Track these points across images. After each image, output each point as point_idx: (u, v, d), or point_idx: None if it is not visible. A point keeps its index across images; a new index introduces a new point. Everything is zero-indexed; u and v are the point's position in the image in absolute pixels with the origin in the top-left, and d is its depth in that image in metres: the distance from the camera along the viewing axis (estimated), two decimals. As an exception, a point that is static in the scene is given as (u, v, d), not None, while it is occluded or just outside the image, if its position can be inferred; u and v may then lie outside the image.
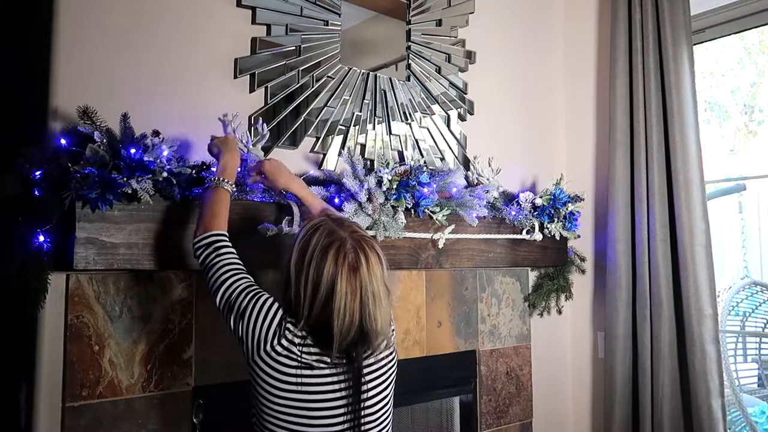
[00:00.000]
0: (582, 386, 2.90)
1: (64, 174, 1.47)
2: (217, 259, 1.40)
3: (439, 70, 2.48)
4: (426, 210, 2.11)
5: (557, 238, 2.57)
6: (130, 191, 1.50)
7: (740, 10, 2.58)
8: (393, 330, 1.44)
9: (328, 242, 1.28)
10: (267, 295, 1.36)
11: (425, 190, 2.08)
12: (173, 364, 1.77)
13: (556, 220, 2.53)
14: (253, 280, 1.41)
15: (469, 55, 2.60)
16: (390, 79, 2.33)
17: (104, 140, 1.50)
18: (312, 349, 1.30)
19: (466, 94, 2.57)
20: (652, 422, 2.47)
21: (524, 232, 2.49)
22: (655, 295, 2.49)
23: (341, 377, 1.31)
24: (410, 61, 2.40)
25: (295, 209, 1.81)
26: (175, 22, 1.85)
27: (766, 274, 4.20)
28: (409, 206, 2.07)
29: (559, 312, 2.80)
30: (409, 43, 2.40)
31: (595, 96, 2.93)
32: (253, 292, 1.36)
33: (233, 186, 1.55)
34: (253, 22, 2.00)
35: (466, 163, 2.53)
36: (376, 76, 2.29)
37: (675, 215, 2.47)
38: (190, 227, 1.65)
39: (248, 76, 1.98)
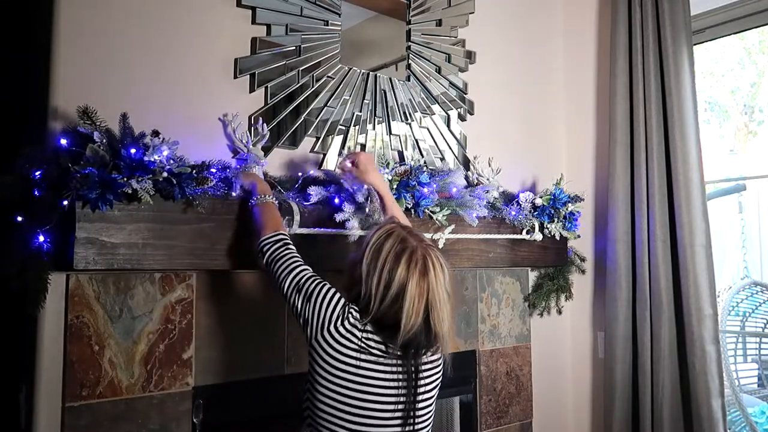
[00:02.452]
0: (582, 386, 2.90)
1: (64, 174, 1.47)
2: (286, 252, 1.53)
3: (439, 70, 2.48)
4: (426, 210, 2.11)
5: (557, 238, 2.57)
6: (130, 191, 1.50)
7: (740, 10, 2.59)
8: None
9: (401, 249, 1.40)
10: (330, 284, 1.47)
11: (425, 190, 2.08)
12: (173, 364, 1.77)
13: (556, 220, 2.53)
14: (315, 273, 1.51)
15: (469, 55, 2.60)
16: (390, 79, 2.33)
17: (104, 140, 1.50)
18: (373, 337, 1.39)
19: (466, 94, 2.57)
20: (652, 422, 2.47)
21: (524, 232, 2.49)
22: (655, 295, 2.49)
23: (397, 369, 1.39)
24: (410, 61, 2.40)
25: (296, 209, 1.81)
26: (175, 22, 1.85)
27: (766, 274, 4.19)
28: (409, 206, 2.07)
29: (559, 312, 2.80)
30: (409, 43, 2.40)
31: (595, 96, 2.93)
32: (318, 280, 1.48)
33: (275, 198, 1.71)
34: (253, 22, 2.00)
35: (466, 163, 2.53)
36: (376, 76, 2.29)
37: (675, 215, 2.47)
38: (190, 227, 1.65)
39: (248, 76, 1.98)
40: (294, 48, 2.07)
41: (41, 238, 1.49)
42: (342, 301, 1.43)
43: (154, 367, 1.74)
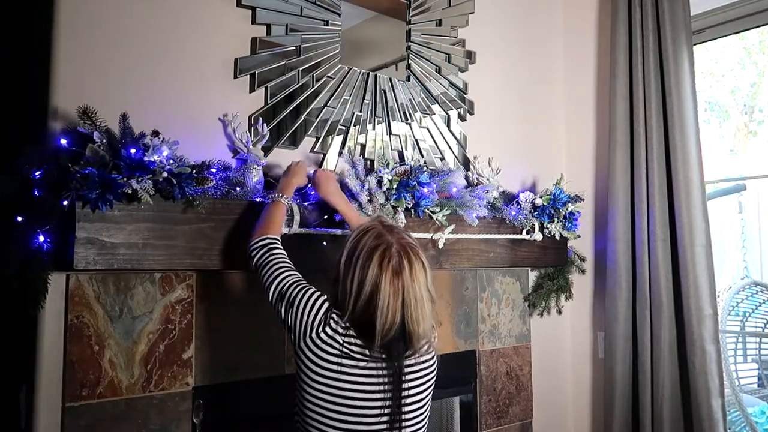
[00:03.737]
0: (582, 386, 2.90)
1: (64, 174, 1.47)
2: (271, 258, 1.53)
3: (439, 70, 2.48)
4: (426, 210, 2.11)
5: (557, 238, 2.57)
6: (130, 191, 1.50)
7: (740, 10, 2.59)
8: (435, 336, 1.50)
9: (374, 245, 1.36)
10: (314, 289, 1.46)
11: (425, 190, 2.08)
12: (173, 364, 1.77)
13: (556, 220, 2.53)
14: (301, 276, 1.51)
15: (469, 55, 2.60)
16: (390, 79, 2.33)
17: (104, 140, 1.50)
18: (354, 341, 1.37)
19: (466, 94, 2.57)
20: (652, 422, 2.47)
21: (524, 232, 2.49)
22: (655, 295, 2.49)
23: (381, 372, 1.37)
24: (410, 61, 2.40)
25: (296, 209, 1.81)
26: (175, 21, 1.85)
27: (766, 274, 4.19)
28: (409, 206, 2.07)
29: (559, 312, 2.80)
30: (409, 43, 2.40)
31: (595, 96, 2.93)
32: (301, 285, 1.47)
33: (289, 200, 1.74)
34: (253, 22, 2.00)
35: (466, 163, 2.53)
36: (376, 76, 2.29)
37: (675, 215, 2.47)
38: (190, 227, 1.65)
39: (248, 76, 1.98)
40: (294, 48, 2.07)
41: (41, 238, 1.49)
42: (325, 306, 1.41)
43: (154, 367, 1.74)
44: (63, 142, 1.53)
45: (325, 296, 1.45)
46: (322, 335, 1.37)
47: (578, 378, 2.91)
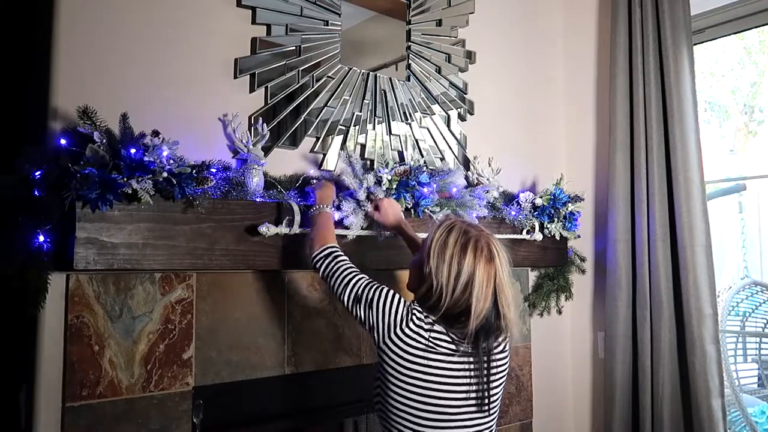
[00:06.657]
0: (582, 386, 2.90)
1: (64, 174, 1.47)
2: (338, 265, 1.59)
3: (439, 70, 2.48)
4: (426, 210, 2.11)
5: (557, 238, 2.57)
6: (130, 191, 1.50)
7: (740, 10, 2.59)
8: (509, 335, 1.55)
9: (465, 240, 1.46)
10: (388, 287, 1.53)
11: (425, 190, 2.08)
12: (173, 364, 1.77)
13: (556, 220, 2.53)
14: (370, 278, 1.57)
15: (469, 55, 2.60)
16: (390, 79, 2.33)
17: (104, 140, 1.50)
18: (441, 337, 1.43)
19: (466, 94, 2.57)
20: (652, 422, 2.47)
21: (524, 232, 2.49)
22: (655, 295, 2.49)
23: (468, 361, 1.43)
24: (410, 61, 2.40)
25: (296, 209, 1.81)
26: (175, 22, 1.85)
27: (766, 274, 4.19)
28: (409, 206, 2.07)
29: (559, 312, 2.80)
30: (409, 43, 2.40)
31: (595, 96, 2.93)
32: (376, 285, 1.54)
33: (333, 209, 1.81)
34: (253, 22, 2.00)
35: (466, 163, 2.53)
36: (376, 76, 2.29)
37: (675, 215, 2.47)
38: (190, 227, 1.65)
39: (248, 76, 1.98)
40: (294, 48, 2.07)
41: (41, 238, 1.49)
42: (403, 301, 1.48)
43: (154, 367, 1.74)
44: (63, 142, 1.53)
45: (399, 293, 1.51)
46: (407, 330, 1.43)
47: (578, 378, 2.91)
